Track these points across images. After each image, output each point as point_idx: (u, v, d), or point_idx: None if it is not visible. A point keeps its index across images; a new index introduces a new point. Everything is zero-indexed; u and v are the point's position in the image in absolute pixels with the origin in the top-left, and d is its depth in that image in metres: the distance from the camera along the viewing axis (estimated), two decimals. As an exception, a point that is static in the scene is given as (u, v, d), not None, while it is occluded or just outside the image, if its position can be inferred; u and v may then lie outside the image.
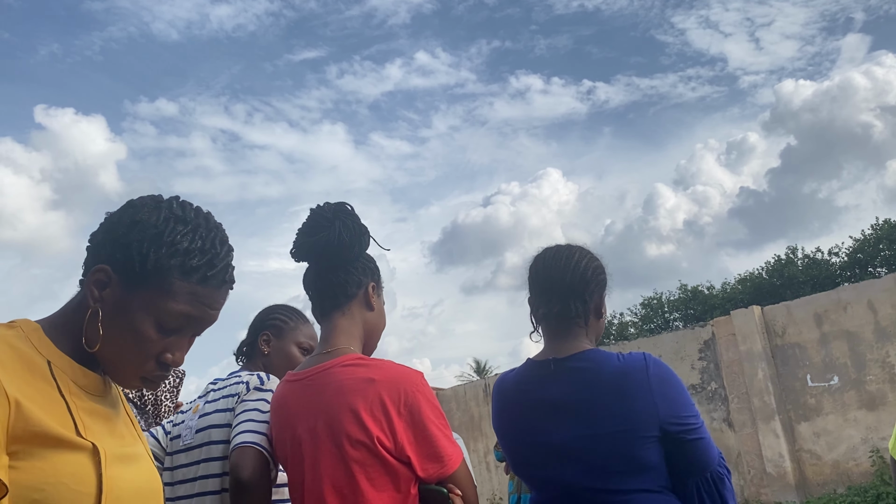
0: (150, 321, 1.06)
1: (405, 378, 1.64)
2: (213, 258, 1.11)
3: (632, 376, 1.68)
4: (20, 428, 0.92)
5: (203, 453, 2.02)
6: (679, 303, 28.27)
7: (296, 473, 1.68)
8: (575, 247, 1.88)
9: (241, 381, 2.04)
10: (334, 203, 1.80)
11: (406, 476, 1.59)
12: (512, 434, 1.84)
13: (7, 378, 0.93)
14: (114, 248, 1.07)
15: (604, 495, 1.65)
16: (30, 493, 0.91)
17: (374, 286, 1.83)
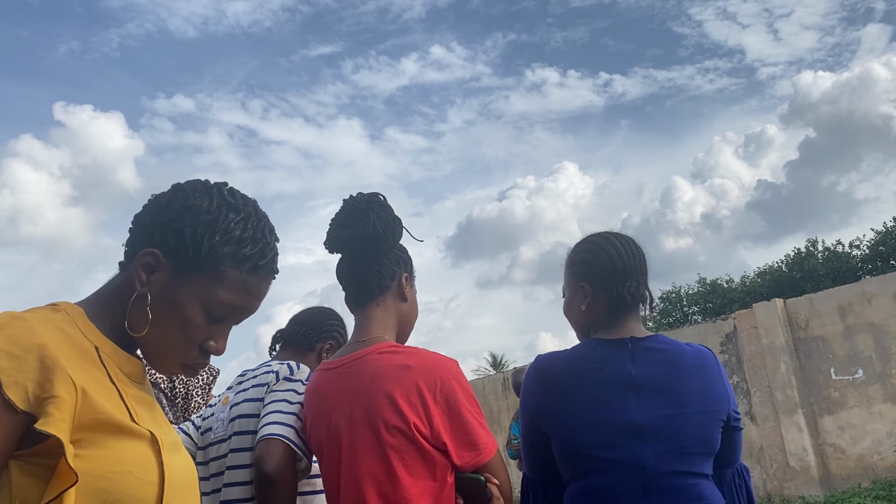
0: (199, 308, 1.05)
1: (441, 365, 1.64)
2: (265, 248, 1.09)
3: (708, 361, 1.74)
4: (86, 416, 0.91)
5: (233, 443, 2.01)
6: (698, 296, 28.09)
7: (331, 462, 1.68)
8: (625, 236, 1.88)
9: (272, 371, 2.03)
10: (367, 194, 1.80)
11: (442, 464, 1.58)
12: (573, 412, 1.74)
13: (69, 366, 0.92)
14: (165, 233, 1.05)
15: (679, 478, 1.63)
16: (96, 482, 0.90)
17: (408, 277, 1.83)
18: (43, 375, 0.89)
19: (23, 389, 0.88)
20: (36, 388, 0.88)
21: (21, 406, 0.87)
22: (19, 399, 0.87)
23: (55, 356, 0.91)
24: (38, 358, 0.89)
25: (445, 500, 1.58)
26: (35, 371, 0.89)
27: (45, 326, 0.95)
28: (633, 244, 1.84)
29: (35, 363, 0.89)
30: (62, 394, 0.89)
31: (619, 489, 1.66)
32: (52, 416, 0.87)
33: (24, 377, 0.88)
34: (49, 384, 0.89)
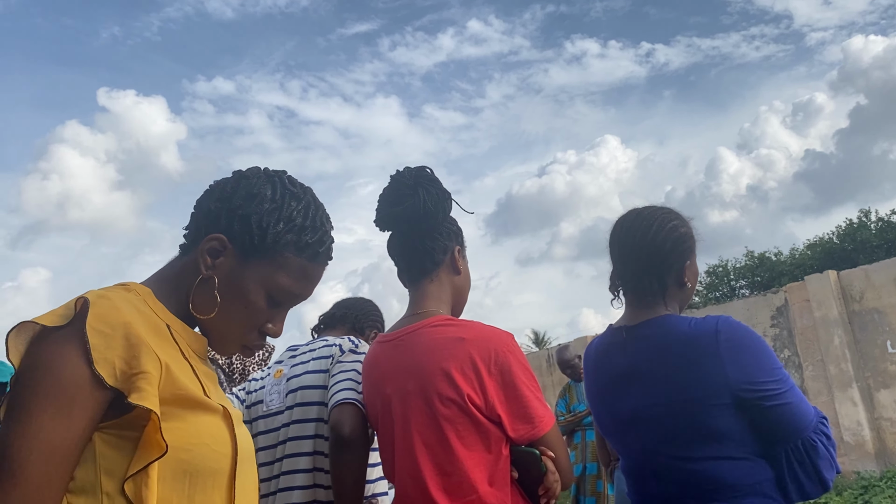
0: (262, 293, 1.08)
1: (495, 338, 1.62)
2: (324, 235, 1.13)
3: (699, 343, 1.58)
4: (168, 391, 0.94)
5: (294, 415, 2.03)
6: (745, 270, 27.58)
7: (386, 433, 1.69)
8: (657, 213, 1.77)
9: (334, 344, 2.06)
10: (415, 168, 1.78)
11: (497, 436, 1.57)
12: (593, 402, 1.84)
13: (153, 342, 0.95)
14: (230, 219, 1.09)
15: (682, 463, 1.61)
16: (177, 454, 0.93)
17: (460, 249, 1.82)
18: (129, 352, 0.92)
19: (111, 366, 0.91)
20: (123, 365, 0.92)
21: (109, 381, 0.90)
22: (108, 375, 0.90)
23: (140, 333, 0.94)
24: (125, 335, 0.93)
25: (500, 472, 1.57)
26: (122, 348, 0.92)
27: (126, 305, 0.98)
28: (656, 222, 1.73)
29: (122, 341, 0.92)
30: (150, 369, 0.92)
31: (637, 473, 1.71)
32: (145, 391, 0.91)
33: (113, 354, 0.91)
34: (136, 360, 0.92)
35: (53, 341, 0.91)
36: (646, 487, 1.69)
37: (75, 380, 0.89)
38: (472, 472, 1.55)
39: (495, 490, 1.56)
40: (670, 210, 1.80)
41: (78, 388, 0.89)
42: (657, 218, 1.75)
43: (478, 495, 1.54)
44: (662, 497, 1.65)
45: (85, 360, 0.90)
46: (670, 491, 1.63)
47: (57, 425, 0.87)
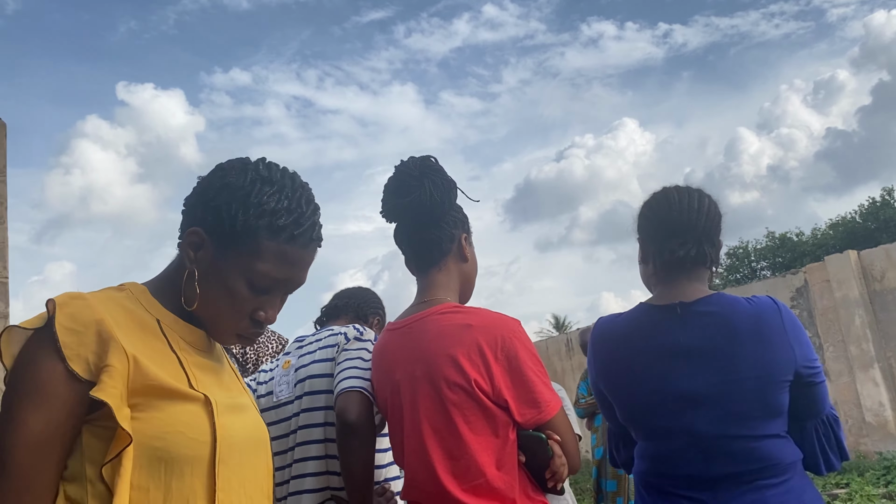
0: (242, 281, 1.10)
1: (502, 324, 1.64)
2: (300, 217, 1.12)
3: (767, 320, 1.63)
4: (139, 382, 0.99)
5: (303, 404, 2.06)
6: (766, 251, 27.33)
7: (396, 418, 1.72)
8: (698, 189, 1.80)
9: (339, 333, 2.09)
10: (419, 159, 1.79)
11: (504, 420, 1.59)
12: (628, 382, 1.74)
13: (124, 337, 1.00)
14: (205, 211, 1.11)
15: (738, 441, 1.60)
16: (152, 441, 0.98)
17: (466, 237, 1.84)
18: (101, 347, 0.98)
19: (84, 361, 0.97)
20: (95, 359, 0.98)
21: (84, 376, 0.97)
22: (82, 370, 0.97)
23: (111, 330, 0.99)
24: (97, 332, 0.98)
25: (507, 455, 1.59)
26: (94, 344, 0.98)
27: (105, 304, 1.03)
28: (696, 199, 1.75)
29: (94, 337, 0.98)
30: (114, 363, 0.97)
31: (678, 454, 1.66)
32: (104, 384, 0.96)
33: (85, 350, 0.98)
34: (105, 355, 0.98)
35: (31, 342, 0.99)
36: (689, 468, 1.64)
37: (50, 376, 0.96)
38: (480, 456, 1.58)
39: (503, 474, 1.58)
40: (702, 189, 1.82)
41: (53, 383, 0.96)
42: (702, 192, 1.78)
43: (486, 479, 1.57)
44: (706, 477, 1.62)
45: (58, 357, 0.96)
46: (719, 470, 1.61)
47: (37, 418, 0.94)
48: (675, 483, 1.67)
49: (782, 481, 1.60)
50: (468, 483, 1.58)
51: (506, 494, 1.57)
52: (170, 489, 0.98)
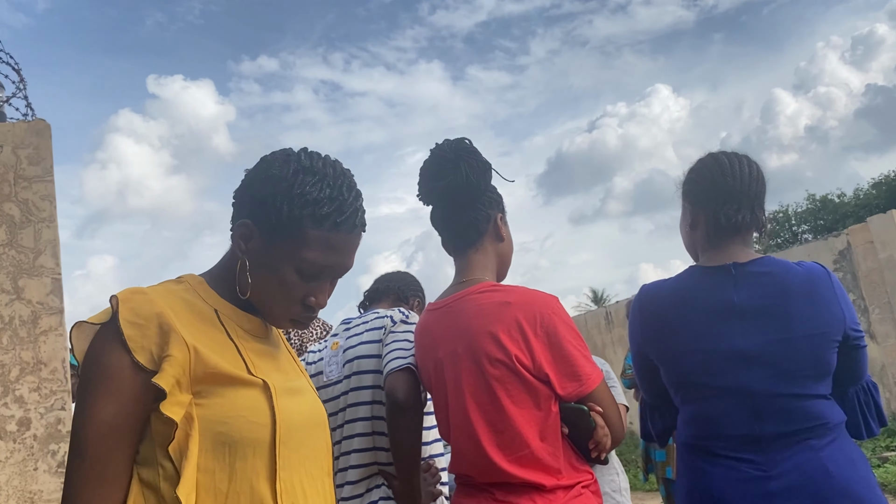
0: (291, 269, 1.14)
1: (540, 301, 1.68)
2: (342, 205, 1.15)
3: (819, 281, 1.69)
4: (200, 370, 1.05)
5: (352, 383, 2.14)
6: (807, 214, 26.80)
7: (440, 395, 1.77)
8: (746, 156, 1.83)
9: (385, 315, 2.16)
10: (454, 141, 1.82)
11: (546, 394, 1.63)
12: (679, 343, 1.75)
13: (183, 328, 1.06)
14: (252, 204, 1.16)
15: (791, 400, 1.63)
16: (215, 426, 1.05)
17: (501, 216, 1.87)
18: (162, 339, 1.04)
19: (148, 352, 1.04)
20: (158, 350, 1.04)
21: (149, 366, 1.03)
22: (146, 360, 1.03)
23: (171, 322, 1.05)
24: (158, 325, 1.05)
25: (551, 427, 1.64)
26: (156, 336, 1.04)
27: (165, 297, 1.10)
28: (746, 165, 1.78)
29: (155, 329, 1.04)
30: (175, 353, 1.03)
31: (729, 414, 1.68)
32: (164, 372, 1.02)
33: (149, 342, 1.04)
34: (167, 346, 1.04)
35: (99, 337, 1.06)
36: (738, 429, 1.66)
37: (118, 367, 1.03)
38: (524, 429, 1.62)
39: (546, 445, 1.63)
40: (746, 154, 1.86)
41: (121, 374, 1.03)
42: (751, 160, 1.81)
43: (530, 450, 1.61)
44: (756, 437, 1.64)
45: (124, 349, 1.03)
46: (770, 430, 1.63)
47: (109, 408, 1.02)
48: (724, 444, 1.68)
49: (831, 440, 1.63)
50: (513, 454, 1.62)
51: (550, 464, 1.62)
52: (234, 470, 1.04)
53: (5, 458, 3.00)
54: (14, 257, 3.16)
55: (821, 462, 1.59)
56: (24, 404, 3.06)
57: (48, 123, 3.36)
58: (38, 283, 3.18)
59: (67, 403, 3.12)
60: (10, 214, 3.20)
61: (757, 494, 1.62)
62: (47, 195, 3.28)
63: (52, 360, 3.14)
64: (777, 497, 1.60)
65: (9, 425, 3.02)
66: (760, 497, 1.62)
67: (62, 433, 3.08)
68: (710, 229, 1.78)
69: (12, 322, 3.11)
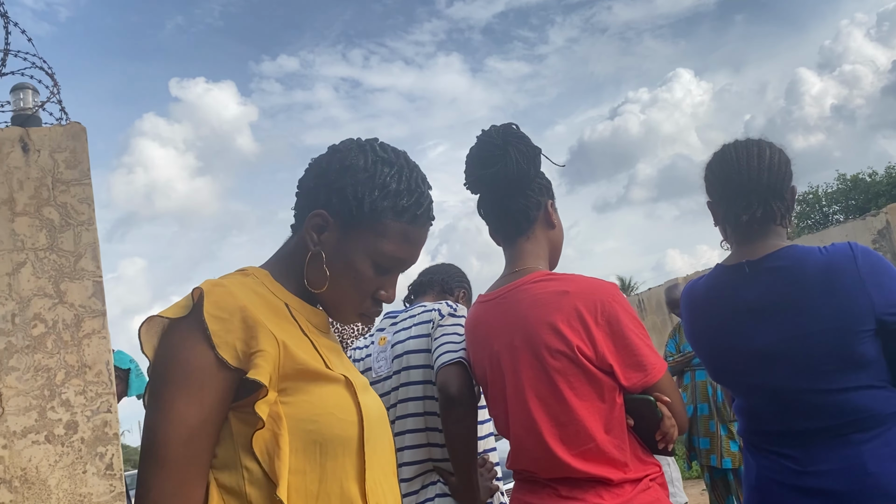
0: (368, 262, 1.11)
1: (600, 289, 1.63)
2: (420, 197, 1.13)
3: (839, 269, 1.56)
4: (288, 367, 0.99)
5: (402, 378, 2.10)
6: (838, 194, 26.36)
7: (497, 388, 1.72)
8: (759, 141, 1.75)
9: (433, 309, 2.12)
10: (501, 126, 1.77)
11: (609, 385, 1.58)
12: (707, 342, 1.78)
13: (269, 323, 1.00)
14: (329, 194, 1.11)
15: (819, 395, 1.57)
16: (305, 425, 0.99)
17: (552, 203, 1.81)
18: (247, 334, 0.98)
19: (232, 348, 0.97)
20: (243, 346, 0.98)
21: (232, 363, 0.97)
22: (230, 357, 0.97)
23: (256, 315, 0.99)
24: (242, 319, 0.99)
25: (616, 420, 1.58)
26: (241, 331, 0.98)
27: (242, 290, 1.04)
28: (756, 156, 1.70)
29: (240, 324, 0.98)
30: (267, 347, 0.97)
31: (763, 411, 1.67)
32: (260, 367, 0.96)
33: (233, 337, 0.98)
34: (254, 340, 0.98)
35: (178, 331, 0.99)
36: (773, 424, 1.66)
37: (201, 364, 0.96)
38: (588, 422, 1.57)
39: (612, 437, 1.57)
40: (763, 139, 1.77)
41: (205, 371, 0.96)
42: (765, 145, 1.73)
43: (595, 443, 1.56)
44: (793, 432, 1.62)
45: (208, 345, 0.96)
46: (804, 425, 1.60)
47: (191, 408, 0.95)
48: (766, 439, 1.68)
49: (878, 434, 1.55)
50: (578, 448, 1.58)
51: (617, 458, 1.57)
52: (325, 470, 1.00)
53: (54, 461, 3.01)
54: (55, 261, 3.17)
55: (860, 458, 1.53)
56: (70, 408, 3.07)
57: (84, 126, 3.36)
58: (79, 286, 3.18)
59: (113, 406, 3.12)
60: (49, 219, 3.21)
61: (793, 490, 1.59)
62: (85, 198, 3.27)
63: (97, 362, 3.14)
64: (813, 494, 1.56)
65: (56, 429, 3.03)
66: (797, 493, 1.58)
67: (109, 436, 3.08)
68: (729, 226, 1.75)
69: (56, 326, 3.12)
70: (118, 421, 3.15)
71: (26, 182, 3.21)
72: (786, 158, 1.73)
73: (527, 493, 1.68)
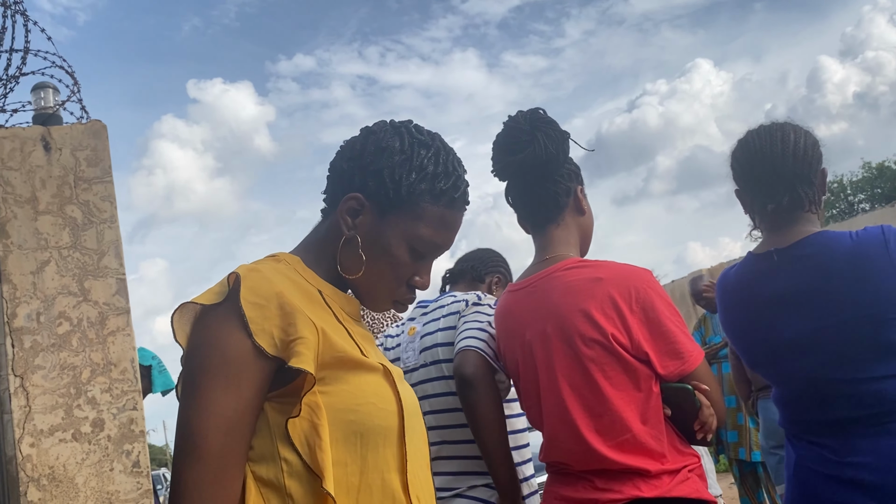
0: (404, 246, 1.07)
1: (634, 275, 1.59)
2: (457, 180, 1.10)
3: (869, 255, 1.51)
4: (328, 355, 0.95)
5: (431, 372, 2.06)
6: (863, 183, 26.01)
7: (529, 378, 1.68)
8: (784, 125, 1.69)
9: (461, 300, 2.07)
10: (529, 112, 1.72)
11: (646, 374, 1.54)
12: (740, 333, 1.74)
13: (307, 308, 0.97)
14: (364, 176, 1.07)
15: (853, 385, 1.53)
16: (345, 415, 0.95)
17: (581, 188, 1.77)
18: (285, 321, 0.94)
19: (269, 335, 0.93)
20: (281, 333, 0.94)
21: (270, 351, 0.93)
22: (268, 345, 0.93)
23: (293, 301, 0.96)
24: (279, 305, 0.95)
25: (652, 409, 1.54)
26: (278, 318, 0.94)
27: (277, 276, 1.00)
28: (780, 141, 1.65)
29: (277, 310, 0.94)
30: (307, 334, 0.94)
31: (799, 400, 1.64)
32: (303, 355, 0.92)
33: (270, 324, 0.94)
34: (293, 327, 0.94)
35: (214, 318, 0.95)
36: (810, 414, 1.62)
37: (239, 353, 0.92)
38: (624, 412, 1.53)
39: (649, 428, 1.53)
40: (790, 122, 1.72)
41: (242, 360, 0.92)
42: (790, 128, 1.68)
43: (632, 434, 1.52)
44: (830, 422, 1.58)
45: (245, 332, 0.92)
46: (840, 414, 1.55)
47: (228, 398, 0.91)
48: (803, 429, 1.64)
49: None
50: (613, 439, 1.54)
51: (654, 448, 1.53)
52: (366, 462, 0.96)
53: (82, 459, 3.01)
54: (79, 259, 3.17)
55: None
56: (96, 405, 3.07)
57: (104, 124, 3.36)
58: (103, 283, 3.18)
59: (139, 403, 3.12)
60: (72, 217, 3.21)
61: (832, 480, 1.55)
62: (107, 196, 3.28)
63: (122, 360, 3.14)
64: (851, 484, 1.52)
65: (83, 427, 3.04)
66: (834, 482, 1.55)
67: (135, 433, 3.08)
68: (757, 215, 1.71)
69: (81, 324, 3.12)
70: (144, 418, 3.15)
71: (48, 181, 3.21)
72: (813, 140, 1.68)
73: (561, 485, 1.63)
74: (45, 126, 3.31)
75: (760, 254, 1.68)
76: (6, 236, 3.12)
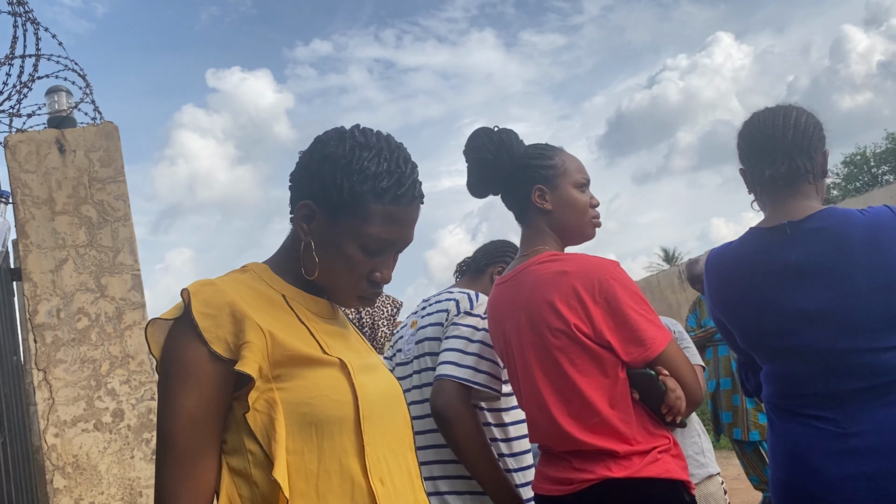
0: (355, 246, 1.15)
1: (598, 267, 1.67)
2: (400, 177, 1.16)
3: (883, 227, 1.60)
4: (278, 354, 1.06)
5: (422, 363, 2.16)
6: (887, 154, 25.54)
7: (511, 366, 1.80)
8: (788, 106, 1.77)
9: (452, 299, 2.13)
10: (472, 135, 1.87)
11: (611, 361, 1.63)
12: (743, 305, 1.75)
13: (256, 315, 1.08)
14: (312, 183, 1.16)
15: (864, 355, 1.58)
16: (299, 408, 1.06)
17: (539, 190, 1.80)
18: (237, 327, 1.05)
19: (224, 341, 1.05)
20: (234, 339, 1.05)
21: (225, 355, 1.05)
22: (223, 350, 1.05)
23: (243, 309, 1.07)
24: (231, 313, 1.06)
25: (620, 394, 1.63)
26: (230, 325, 1.06)
27: (233, 286, 1.11)
28: (781, 116, 1.72)
29: (229, 318, 1.06)
30: (252, 339, 1.04)
31: (803, 373, 1.66)
32: (246, 359, 1.04)
33: (223, 331, 1.05)
34: (242, 333, 1.05)
35: (174, 331, 1.08)
36: (813, 386, 1.64)
37: (196, 359, 1.04)
38: (592, 396, 1.62)
39: (617, 411, 1.62)
40: (793, 105, 1.79)
41: (200, 365, 1.04)
42: (792, 108, 1.76)
43: (601, 417, 1.61)
44: (834, 394, 1.61)
45: (200, 340, 1.04)
46: (848, 386, 1.60)
47: (191, 399, 1.03)
48: (802, 403, 1.67)
49: None
50: (585, 422, 1.63)
51: (623, 431, 1.61)
52: (322, 449, 1.06)
53: (104, 447, 3.17)
54: (95, 257, 3.31)
55: None
56: (116, 396, 3.22)
57: (116, 125, 3.48)
58: (119, 279, 3.32)
59: (156, 394, 3.27)
60: (87, 216, 3.34)
61: (836, 452, 1.59)
62: (121, 195, 3.41)
63: (139, 352, 3.28)
64: (856, 455, 1.56)
65: (104, 417, 3.19)
66: (840, 455, 1.58)
67: (153, 422, 3.22)
68: (759, 188, 1.76)
69: (98, 319, 3.27)
70: (161, 407, 3.29)
71: (64, 182, 3.35)
72: (815, 121, 1.74)
73: (547, 465, 1.75)
74: (60, 129, 3.44)
75: (769, 227, 1.72)
76: (25, 237, 3.26)
